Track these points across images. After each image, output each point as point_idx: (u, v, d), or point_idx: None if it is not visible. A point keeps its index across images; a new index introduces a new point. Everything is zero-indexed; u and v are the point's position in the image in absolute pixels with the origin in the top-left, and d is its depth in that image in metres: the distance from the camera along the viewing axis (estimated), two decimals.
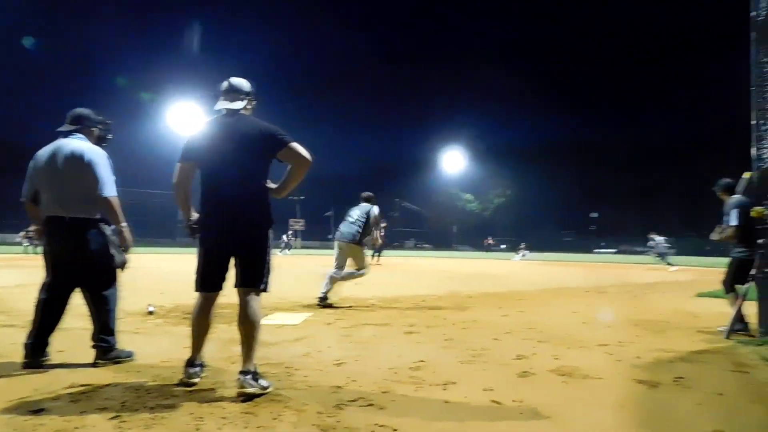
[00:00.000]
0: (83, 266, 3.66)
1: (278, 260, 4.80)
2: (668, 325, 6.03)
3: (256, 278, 3.17)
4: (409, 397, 3.06)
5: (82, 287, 3.73)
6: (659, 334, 5.41)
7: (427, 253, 51.10)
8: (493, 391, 3.21)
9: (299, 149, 3.18)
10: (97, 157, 3.62)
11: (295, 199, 76.49)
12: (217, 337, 4.68)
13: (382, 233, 9.07)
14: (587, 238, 77.35)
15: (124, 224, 3.69)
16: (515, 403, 2.98)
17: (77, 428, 2.42)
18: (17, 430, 2.40)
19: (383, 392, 3.13)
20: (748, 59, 5.33)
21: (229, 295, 3.34)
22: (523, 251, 36.50)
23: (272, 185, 3.28)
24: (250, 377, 2.97)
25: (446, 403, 2.96)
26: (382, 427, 2.54)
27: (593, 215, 76.43)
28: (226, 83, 3.35)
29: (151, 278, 11.74)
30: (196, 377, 3.16)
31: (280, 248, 34.40)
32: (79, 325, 5.23)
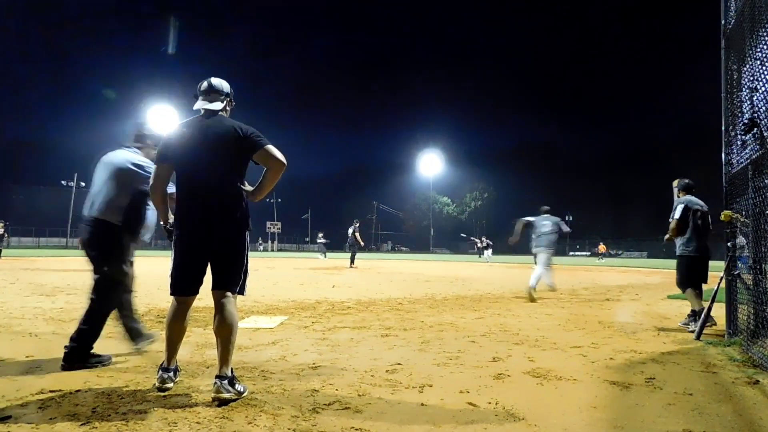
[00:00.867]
0: (101, 261, 3.91)
1: (255, 263, 4.76)
2: (640, 326, 6.14)
3: (232, 281, 3.13)
4: (385, 399, 3.06)
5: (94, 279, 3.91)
6: (631, 335, 5.50)
7: (404, 255, 51.17)
8: (468, 393, 3.23)
9: (274, 152, 3.16)
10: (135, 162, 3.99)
11: (272, 201, 76.09)
12: (191, 341, 4.63)
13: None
14: (562, 241, 78.21)
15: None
16: (491, 404, 3.00)
17: None
18: None
19: (359, 395, 3.13)
20: (718, 66, 5.46)
21: (204, 298, 3.30)
22: (485, 250, 35.93)
23: (249, 188, 3.23)
24: (226, 382, 2.93)
25: (422, 405, 2.97)
26: (358, 430, 2.53)
27: (568, 218, 77.45)
28: (205, 83, 3.33)
29: None
30: (170, 382, 3.12)
31: (322, 253, 32.68)
32: (48, 329, 5.13)
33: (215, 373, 2.99)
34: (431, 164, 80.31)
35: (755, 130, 4.19)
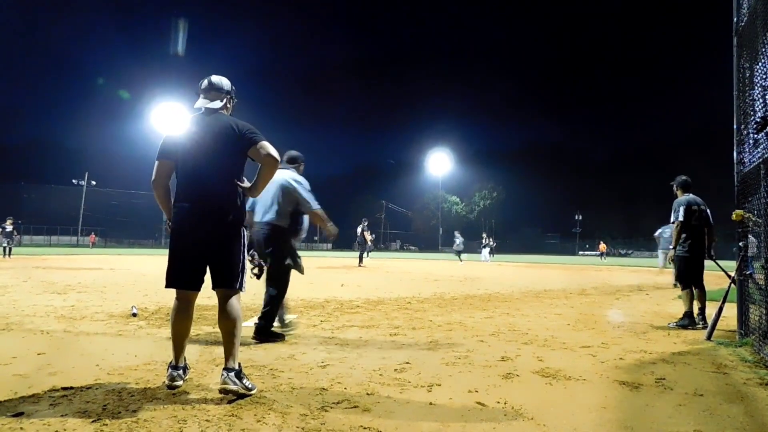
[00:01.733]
0: (273, 257, 4.83)
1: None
2: (650, 326, 6.10)
3: (230, 277, 3.16)
4: (393, 398, 3.06)
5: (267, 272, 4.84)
6: (641, 335, 5.46)
7: (412, 255, 51.16)
8: (477, 392, 3.22)
9: (267, 148, 3.17)
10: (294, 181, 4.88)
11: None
12: (200, 339, 4.65)
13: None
14: (571, 240, 78.01)
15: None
16: (499, 404, 2.99)
17: None
18: None
19: (368, 394, 3.13)
20: (729, 64, 5.41)
21: (212, 296, 3.32)
22: (488, 248, 35.01)
23: (246, 184, 3.24)
24: (233, 374, 2.98)
25: (431, 404, 2.96)
26: (366, 429, 2.53)
27: (577, 218, 77.08)
28: (206, 81, 3.37)
29: (134, 280, 11.62)
30: (179, 380, 3.14)
31: (366, 252, 30.74)
32: (59, 327, 5.17)
33: (223, 367, 3.03)
34: (440, 163, 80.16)
35: None
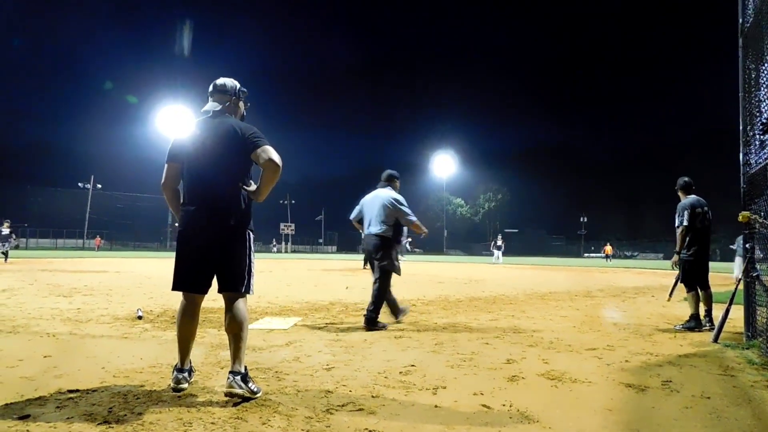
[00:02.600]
0: (380, 262, 5.99)
1: (269, 265, 4.77)
2: (656, 329, 6.07)
3: (237, 281, 3.16)
4: (398, 401, 3.05)
5: (373, 272, 6.11)
6: (647, 338, 5.44)
7: (417, 257, 51.04)
8: (482, 395, 3.21)
9: (269, 153, 3.12)
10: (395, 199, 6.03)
11: (285, 203, 76.41)
12: (206, 342, 4.66)
13: None
14: (576, 242, 77.84)
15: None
16: (504, 407, 2.98)
17: None
18: None
19: (373, 396, 3.13)
20: (735, 65, 5.39)
21: (218, 299, 3.33)
22: (498, 249, 34.29)
23: (252, 187, 3.22)
24: (239, 378, 2.96)
25: (436, 407, 2.96)
26: (371, 431, 2.53)
27: (582, 220, 76.88)
28: (211, 85, 3.40)
29: (139, 282, 11.66)
30: (184, 383, 3.14)
31: (402, 254, 30.45)
32: (65, 330, 5.19)
33: (229, 370, 3.03)
34: (445, 165, 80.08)
35: None
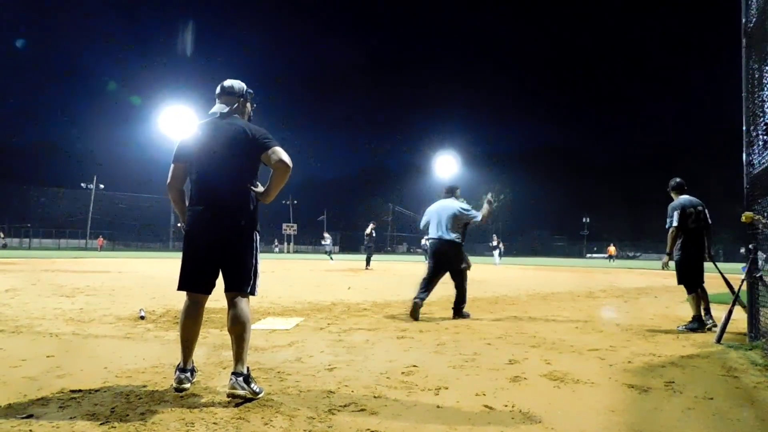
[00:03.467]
0: (456, 264, 6.99)
1: (271, 265, 4.77)
2: (659, 329, 6.06)
3: (242, 281, 3.16)
4: (401, 401, 3.05)
5: (451, 273, 7.06)
6: (650, 338, 5.43)
7: (420, 257, 50.96)
8: (484, 395, 3.21)
9: (280, 154, 3.14)
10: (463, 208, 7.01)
11: (287, 203, 76.39)
12: (208, 342, 4.66)
13: None
14: (579, 243, 77.73)
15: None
16: (507, 407, 2.98)
17: None
18: None
19: (375, 397, 3.12)
20: (738, 66, 5.37)
21: (220, 299, 3.33)
22: (498, 250, 33.48)
23: (260, 189, 3.25)
24: (241, 379, 2.95)
25: (438, 407, 2.96)
26: (373, 431, 2.53)
27: (585, 220, 76.77)
28: (219, 86, 3.39)
29: (142, 283, 11.67)
30: (186, 382, 3.14)
31: (329, 254, 28.92)
32: (68, 330, 5.20)
33: (231, 371, 3.02)
34: (447, 166, 79.91)
35: None
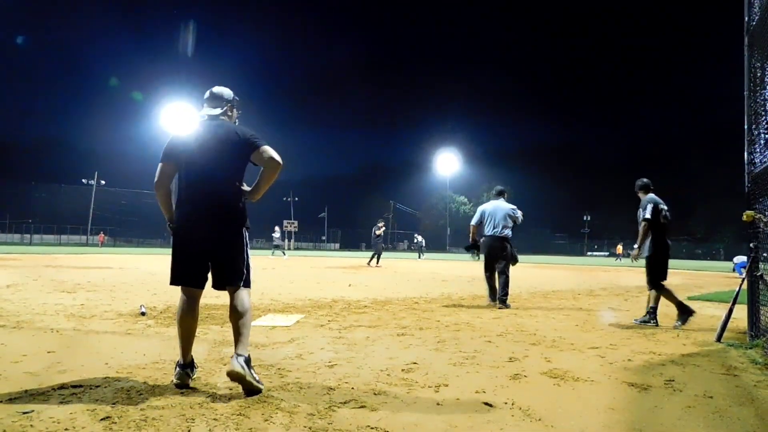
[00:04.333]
0: (504, 257, 7.98)
1: (271, 262, 4.77)
2: (659, 328, 6.06)
3: (236, 276, 3.27)
4: (401, 399, 3.06)
5: (499, 267, 7.97)
6: (650, 336, 5.43)
7: (413, 255, 50.96)
8: (484, 393, 3.22)
9: (270, 152, 3.26)
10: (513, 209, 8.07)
11: (288, 200, 76.40)
12: (209, 338, 4.67)
13: None
14: (580, 240, 77.74)
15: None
16: (507, 405, 2.98)
17: (67, 429, 2.40)
18: (6, 431, 2.38)
19: (375, 394, 3.13)
20: (740, 64, 5.36)
21: (221, 296, 3.34)
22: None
23: (246, 188, 3.35)
24: (242, 359, 3.04)
25: (438, 405, 2.96)
26: (374, 429, 2.53)
27: (586, 218, 76.75)
28: (208, 92, 3.51)
29: (143, 279, 11.69)
30: (186, 378, 3.16)
31: (282, 250, 29.20)
32: (69, 325, 5.21)
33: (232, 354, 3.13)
34: (448, 163, 79.96)
35: None
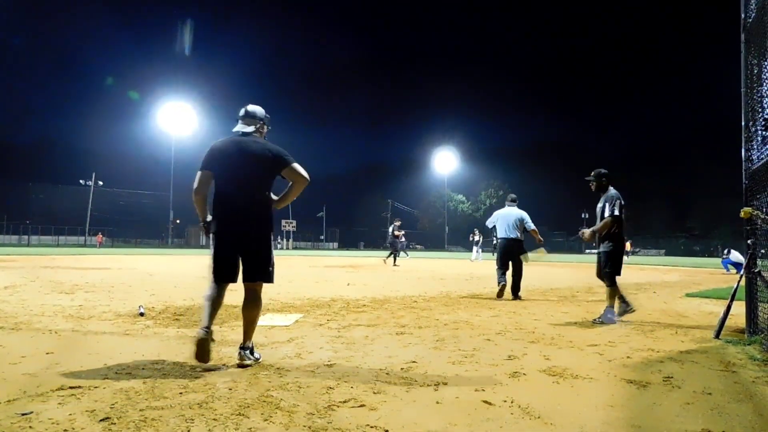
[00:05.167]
0: (517, 257, 8.88)
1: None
2: (657, 325, 6.07)
3: (263, 273, 3.80)
4: (400, 397, 3.06)
5: (513, 264, 8.89)
6: (648, 334, 5.44)
7: (418, 253, 51.14)
8: (484, 391, 3.22)
9: (299, 170, 3.81)
10: (522, 216, 9.02)
11: None
12: None
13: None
14: (578, 238, 77.75)
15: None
16: (506, 402, 2.98)
17: (66, 430, 2.40)
18: None
19: (374, 393, 3.13)
20: (736, 61, 5.37)
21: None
22: (476, 245, 31.47)
23: (274, 197, 3.89)
24: (248, 352, 3.71)
25: (437, 403, 2.96)
26: (373, 428, 2.54)
27: (584, 216, 76.73)
28: (243, 110, 4.01)
29: (141, 279, 11.67)
30: (204, 335, 3.50)
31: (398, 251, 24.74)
32: (68, 326, 5.20)
33: (239, 345, 3.74)
34: (446, 162, 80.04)
35: None
